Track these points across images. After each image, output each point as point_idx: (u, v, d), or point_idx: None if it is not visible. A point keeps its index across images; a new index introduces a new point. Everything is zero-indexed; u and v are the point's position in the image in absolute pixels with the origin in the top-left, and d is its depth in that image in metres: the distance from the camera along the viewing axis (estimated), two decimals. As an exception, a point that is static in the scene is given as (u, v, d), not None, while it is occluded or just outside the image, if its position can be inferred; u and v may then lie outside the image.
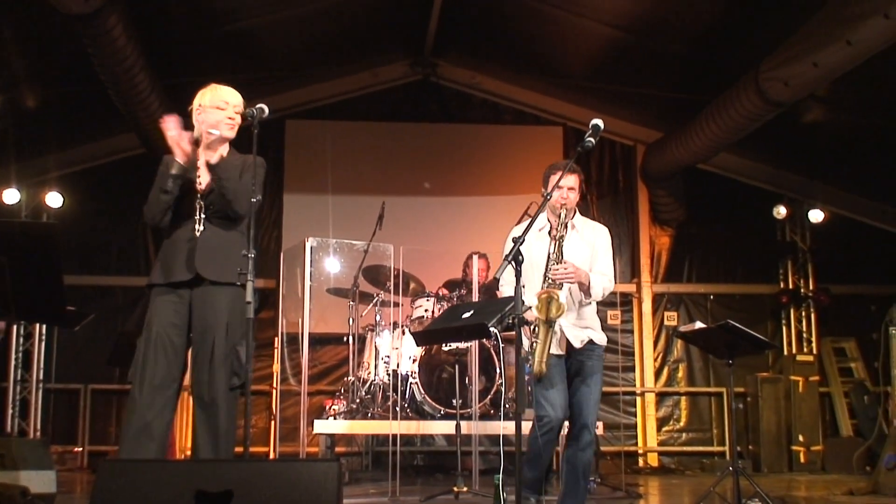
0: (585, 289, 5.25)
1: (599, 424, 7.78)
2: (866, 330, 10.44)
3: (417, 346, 7.68)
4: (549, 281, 5.14)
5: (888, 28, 6.78)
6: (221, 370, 4.45)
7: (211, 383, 4.44)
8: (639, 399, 11.15)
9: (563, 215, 5.30)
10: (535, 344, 5.05)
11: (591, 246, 5.42)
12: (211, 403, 4.44)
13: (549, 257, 5.22)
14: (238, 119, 4.68)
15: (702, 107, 9.48)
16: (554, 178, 5.25)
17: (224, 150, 4.71)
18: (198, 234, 4.56)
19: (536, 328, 5.06)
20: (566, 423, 5.29)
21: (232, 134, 4.72)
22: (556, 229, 5.28)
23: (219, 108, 4.67)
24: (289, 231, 10.80)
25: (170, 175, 4.55)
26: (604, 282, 5.30)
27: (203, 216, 4.58)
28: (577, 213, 5.44)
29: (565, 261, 5.16)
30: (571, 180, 5.33)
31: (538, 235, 5.36)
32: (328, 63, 10.66)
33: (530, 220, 4.80)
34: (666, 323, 11.36)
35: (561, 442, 5.65)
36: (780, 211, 11.04)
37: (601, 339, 5.38)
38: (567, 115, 11.34)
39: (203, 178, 4.63)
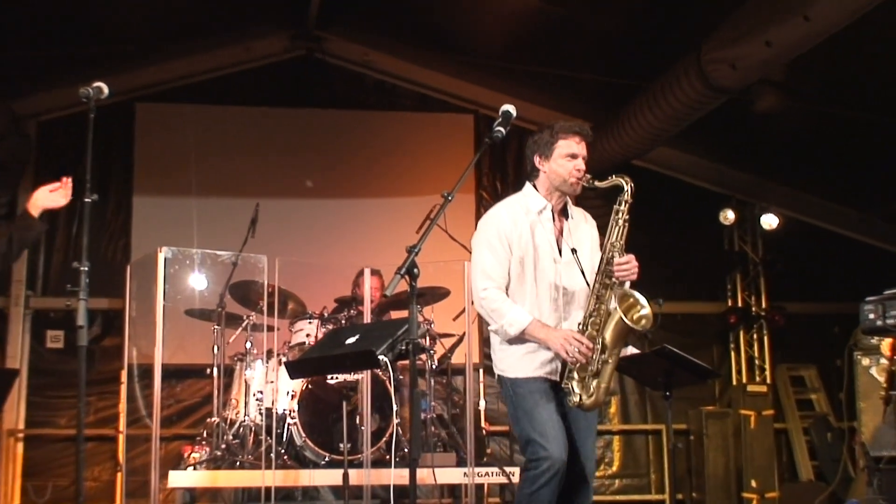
0: None
1: (515, 471, 7.79)
2: (828, 355, 10.60)
3: (292, 378, 7.58)
4: (607, 280, 4.88)
5: (851, 0, 6.93)
6: None
7: None
8: (565, 439, 11.18)
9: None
10: (596, 365, 4.78)
11: (590, 238, 5.26)
12: None
13: (606, 246, 4.94)
14: None
15: (636, 92, 9.59)
16: (564, 144, 5.05)
17: None
18: None
19: (603, 345, 4.78)
20: None
21: None
22: (620, 213, 5.00)
23: None
24: (139, 239, 10.62)
25: None
26: None
27: None
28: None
29: (628, 254, 4.91)
30: (585, 148, 5.09)
31: (538, 219, 5.11)
32: (189, 35, 10.47)
33: (430, 222, 4.76)
34: (597, 348, 11.43)
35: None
36: (728, 215, 11.20)
37: None
38: (479, 101, 11.39)
39: None
